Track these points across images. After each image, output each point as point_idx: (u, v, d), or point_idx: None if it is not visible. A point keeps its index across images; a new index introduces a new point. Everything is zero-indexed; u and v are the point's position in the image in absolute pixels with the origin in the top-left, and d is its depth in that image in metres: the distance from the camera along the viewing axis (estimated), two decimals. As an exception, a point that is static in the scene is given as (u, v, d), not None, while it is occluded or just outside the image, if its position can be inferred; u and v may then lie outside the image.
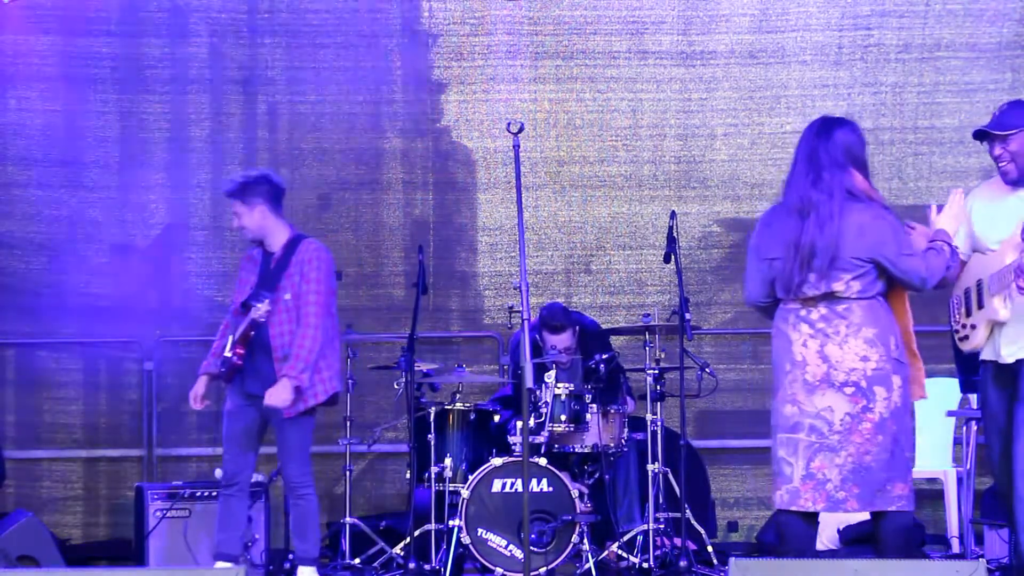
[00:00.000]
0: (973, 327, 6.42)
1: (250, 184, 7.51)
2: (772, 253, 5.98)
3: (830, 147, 6.00)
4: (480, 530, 7.78)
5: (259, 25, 9.59)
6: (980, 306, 6.32)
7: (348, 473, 8.45)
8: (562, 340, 8.38)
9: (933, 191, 9.52)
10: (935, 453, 9.03)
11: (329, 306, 7.43)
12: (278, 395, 7.34)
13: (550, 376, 8.01)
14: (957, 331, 6.54)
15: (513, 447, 7.99)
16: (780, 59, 9.55)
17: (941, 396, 8.90)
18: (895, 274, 5.97)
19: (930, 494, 9.18)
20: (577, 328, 8.48)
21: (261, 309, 7.29)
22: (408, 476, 8.07)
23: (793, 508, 5.91)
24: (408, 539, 7.86)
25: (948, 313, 6.53)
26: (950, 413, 8.74)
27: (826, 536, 8.42)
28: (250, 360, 7.40)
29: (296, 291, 7.38)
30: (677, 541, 7.90)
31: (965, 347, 6.50)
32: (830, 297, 5.92)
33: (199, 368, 7.59)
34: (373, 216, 9.63)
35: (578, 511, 7.74)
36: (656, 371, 8.07)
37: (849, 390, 5.87)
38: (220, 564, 7.43)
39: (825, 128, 6.07)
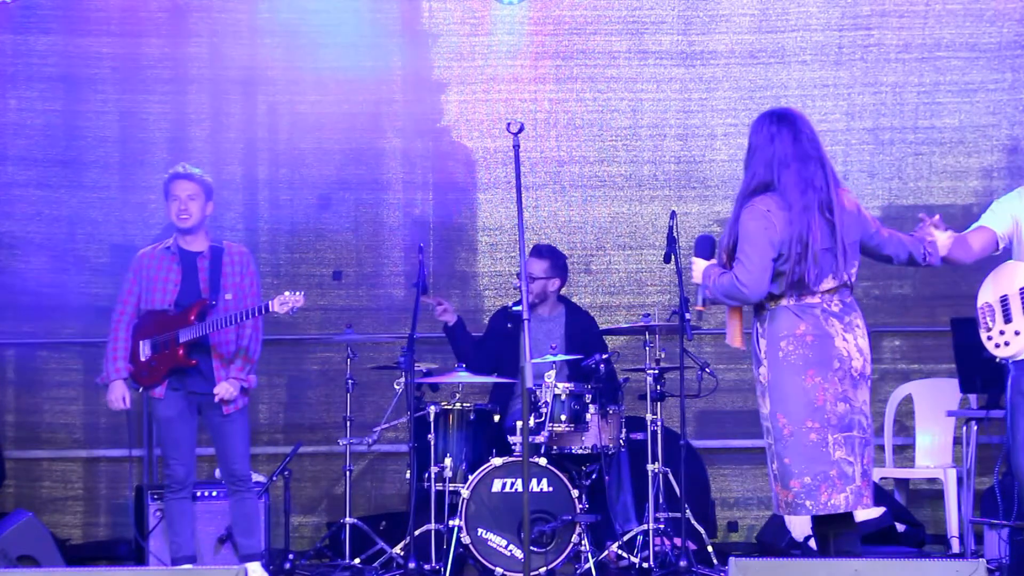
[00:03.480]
0: (1016, 333, 6.38)
1: (209, 183, 7.66)
2: (795, 248, 5.81)
3: (816, 137, 5.96)
4: (480, 530, 7.78)
5: (259, 25, 9.59)
6: None
7: (348, 473, 8.45)
8: (538, 266, 8.54)
9: (933, 191, 9.54)
10: (935, 453, 9.04)
11: None
12: (230, 391, 7.48)
13: (550, 376, 8.01)
14: (991, 338, 6.48)
15: (513, 447, 8.00)
16: (780, 59, 9.55)
17: (941, 396, 8.92)
18: (876, 255, 6.07)
19: (930, 494, 9.19)
20: (557, 272, 8.64)
21: (295, 302, 7.39)
22: (408, 476, 8.07)
23: (859, 508, 5.85)
24: (408, 539, 7.86)
25: (977, 319, 6.52)
26: (950, 413, 8.75)
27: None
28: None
29: (238, 292, 7.55)
30: (677, 541, 7.89)
31: (1002, 353, 6.42)
32: (844, 288, 5.90)
33: (105, 374, 7.55)
34: (373, 216, 9.64)
35: (578, 511, 7.74)
36: (656, 371, 8.07)
37: (869, 382, 5.93)
38: (187, 566, 7.45)
39: (804, 119, 5.98)
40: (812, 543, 8.19)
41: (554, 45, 9.61)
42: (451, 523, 7.78)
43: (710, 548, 8.22)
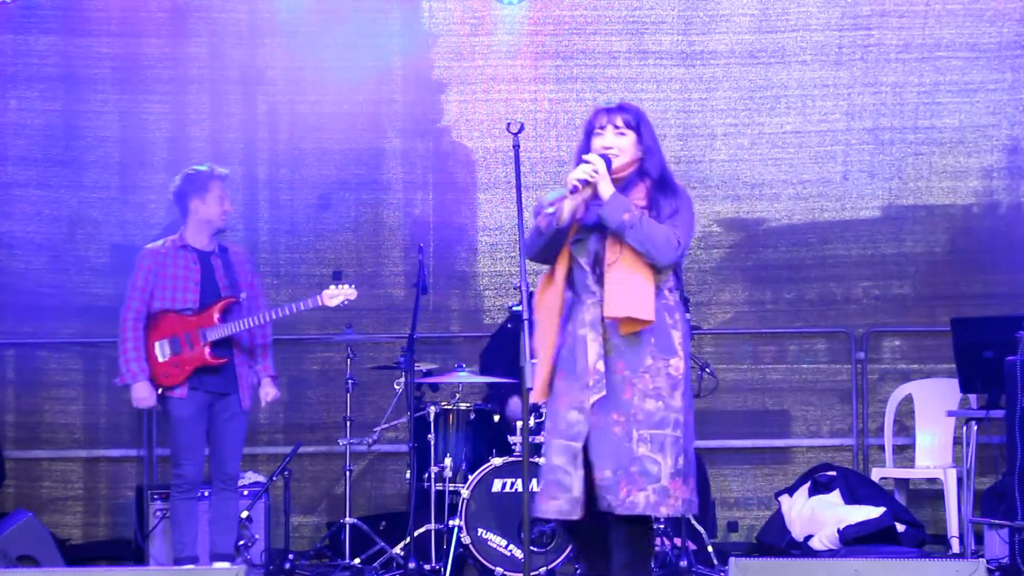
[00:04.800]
0: None
1: None
2: None
3: None
4: (480, 530, 7.78)
5: (259, 25, 9.59)
6: None
7: (348, 473, 8.44)
8: None
9: (933, 191, 9.54)
10: (935, 453, 9.04)
11: None
12: (273, 393, 7.62)
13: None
14: None
15: (513, 447, 8.00)
16: (780, 59, 9.55)
17: (941, 396, 8.91)
18: None
19: (930, 494, 9.19)
20: None
21: (347, 295, 7.51)
22: (408, 476, 8.07)
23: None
24: (408, 539, 7.86)
25: None
26: (950, 413, 8.74)
27: (826, 536, 8.42)
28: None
29: (250, 291, 7.64)
30: (677, 541, 7.89)
31: None
32: None
33: (130, 376, 7.46)
34: (373, 216, 9.64)
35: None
36: (656, 371, 8.05)
37: None
38: (188, 567, 7.45)
39: None
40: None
41: (554, 45, 9.61)
42: (451, 523, 7.78)
43: (710, 548, 8.22)
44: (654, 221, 5.55)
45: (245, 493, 8.23)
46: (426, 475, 8.01)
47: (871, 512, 8.44)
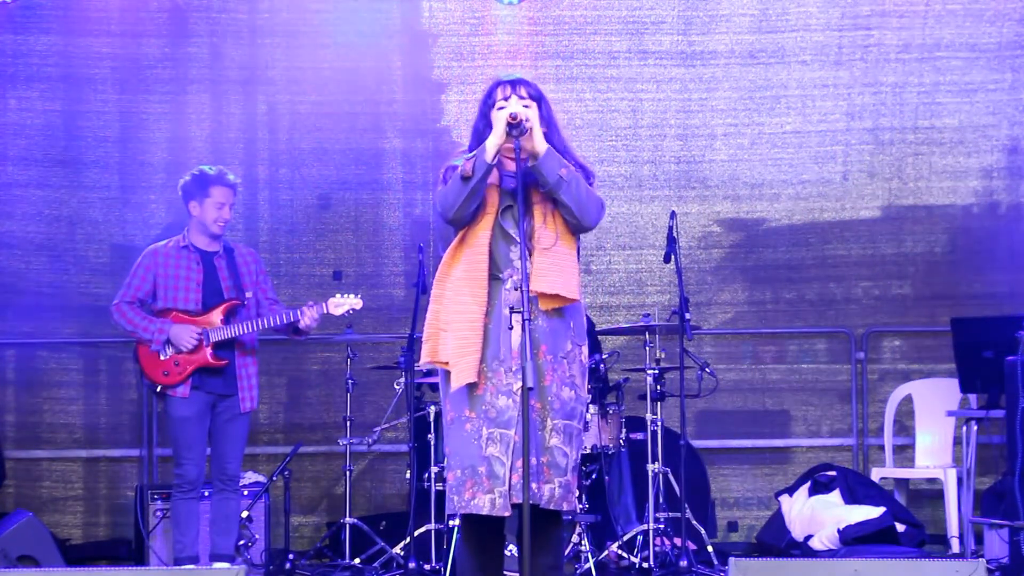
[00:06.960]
0: None
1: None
2: None
3: None
4: (480, 530, 7.76)
5: (259, 25, 9.59)
6: None
7: (348, 473, 8.44)
8: None
9: (933, 191, 9.54)
10: (935, 453, 9.04)
11: None
12: (312, 315, 7.60)
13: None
14: None
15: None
16: (780, 59, 9.55)
17: (941, 396, 8.92)
18: None
19: (930, 494, 9.19)
20: None
21: (352, 304, 7.62)
22: (408, 476, 8.07)
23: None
24: (408, 539, 7.86)
25: None
26: (950, 413, 8.75)
27: (826, 536, 8.42)
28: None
29: (256, 291, 7.62)
30: (677, 541, 7.89)
31: None
32: None
33: (159, 333, 7.40)
34: (373, 216, 9.64)
35: (578, 511, 7.73)
36: (656, 371, 8.07)
37: None
38: (188, 567, 7.44)
39: None
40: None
41: (554, 45, 9.61)
42: (451, 523, 7.77)
43: (710, 548, 8.22)
44: (583, 179, 5.45)
45: (245, 493, 8.22)
46: (426, 475, 8.01)
47: (871, 512, 8.44)
